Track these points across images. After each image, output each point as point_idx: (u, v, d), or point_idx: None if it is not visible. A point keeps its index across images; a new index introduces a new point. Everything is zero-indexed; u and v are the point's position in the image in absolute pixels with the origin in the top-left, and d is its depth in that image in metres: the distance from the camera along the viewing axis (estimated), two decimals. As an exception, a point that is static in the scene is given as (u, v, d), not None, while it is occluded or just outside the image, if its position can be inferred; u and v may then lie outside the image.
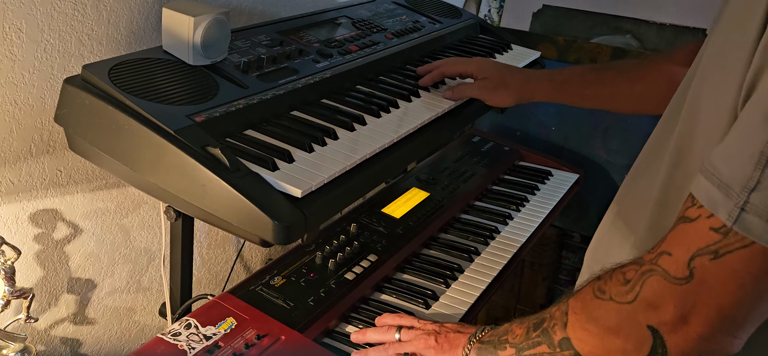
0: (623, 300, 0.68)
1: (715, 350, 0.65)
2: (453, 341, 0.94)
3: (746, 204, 0.58)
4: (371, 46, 1.32)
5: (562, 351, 0.75)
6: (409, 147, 1.08)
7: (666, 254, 0.65)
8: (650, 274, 0.66)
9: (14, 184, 1.12)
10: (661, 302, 0.65)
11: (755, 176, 0.57)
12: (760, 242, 0.57)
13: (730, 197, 0.59)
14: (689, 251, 0.62)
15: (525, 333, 0.82)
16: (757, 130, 0.58)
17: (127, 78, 0.96)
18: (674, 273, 0.63)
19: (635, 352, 0.68)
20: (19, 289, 1.07)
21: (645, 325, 0.66)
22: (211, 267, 1.61)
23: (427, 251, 1.31)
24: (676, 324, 0.64)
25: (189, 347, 0.93)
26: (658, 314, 0.65)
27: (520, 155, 1.73)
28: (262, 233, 0.83)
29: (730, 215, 0.59)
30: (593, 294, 0.73)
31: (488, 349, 0.88)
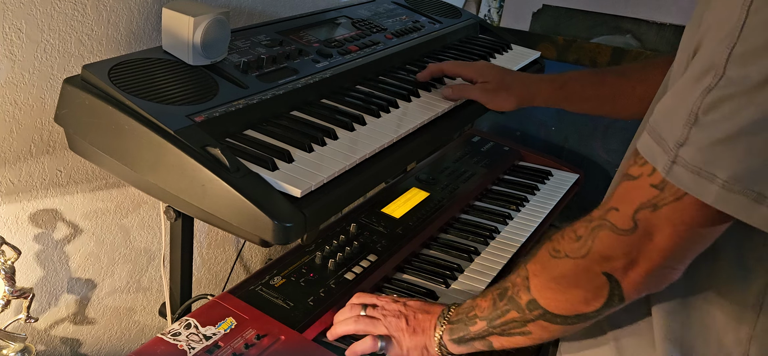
0: (577, 255, 0.75)
1: (660, 283, 0.74)
2: (422, 323, 0.97)
3: (677, 157, 0.64)
4: (371, 46, 1.32)
5: (531, 312, 0.82)
6: (408, 147, 1.08)
7: (613, 209, 0.72)
8: (600, 229, 0.73)
9: (14, 184, 1.12)
10: (611, 253, 0.72)
11: (684, 132, 0.64)
12: (690, 194, 0.64)
13: (666, 152, 0.65)
14: (633, 205, 0.69)
15: (491, 305, 0.88)
16: (690, 90, 0.64)
17: (127, 78, 0.96)
18: (621, 226, 0.71)
19: (595, 298, 0.75)
20: (19, 289, 1.07)
21: (600, 273, 0.74)
22: (211, 266, 1.61)
23: (426, 251, 1.31)
24: (626, 268, 0.72)
25: (189, 347, 0.93)
26: (610, 263, 0.73)
27: (520, 155, 1.73)
28: (261, 233, 0.83)
29: (664, 167, 0.65)
30: (549, 255, 0.79)
31: (459, 328, 0.92)
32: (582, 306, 0.77)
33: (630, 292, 0.74)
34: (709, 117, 0.62)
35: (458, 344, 0.93)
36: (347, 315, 1.02)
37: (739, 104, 0.60)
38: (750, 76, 0.60)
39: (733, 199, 0.62)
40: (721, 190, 0.62)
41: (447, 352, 0.94)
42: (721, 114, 0.61)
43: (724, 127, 0.61)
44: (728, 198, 0.62)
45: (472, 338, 0.90)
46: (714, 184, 0.62)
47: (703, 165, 0.62)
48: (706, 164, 0.62)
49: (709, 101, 0.62)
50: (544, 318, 0.81)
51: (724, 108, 0.61)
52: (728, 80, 0.61)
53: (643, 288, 0.74)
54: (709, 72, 0.63)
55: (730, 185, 0.61)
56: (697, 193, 0.63)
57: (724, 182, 0.61)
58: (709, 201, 0.63)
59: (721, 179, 0.61)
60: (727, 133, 0.61)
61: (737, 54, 0.61)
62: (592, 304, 0.76)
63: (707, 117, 0.62)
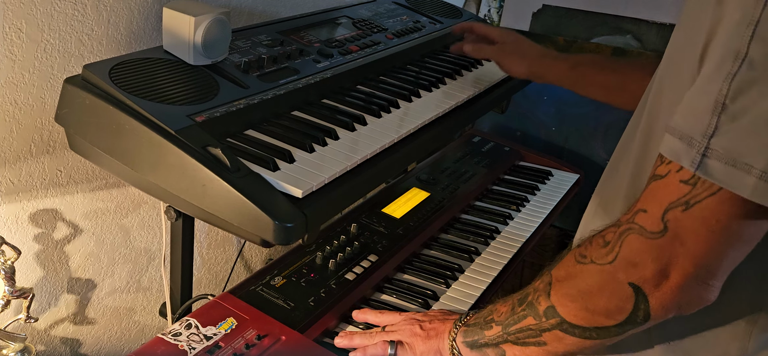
0: (604, 262, 0.70)
1: (692, 301, 0.68)
2: (438, 327, 0.95)
3: (707, 150, 0.61)
4: (372, 46, 1.32)
5: (548, 320, 0.77)
6: (409, 147, 1.08)
7: (641, 211, 0.67)
8: (628, 233, 0.68)
9: (14, 184, 1.12)
10: (639, 259, 0.67)
11: (713, 122, 0.60)
12: (725, 188, 0.60)
13: (692, 146, 0.62)
14: (662, 205, 0.65)
15: (510, 310, 0.84)
16: (711, 81, 0.61)
17: (127, 78, 0.96)
18: (650, 228, 0.66)
19: (618, 312, 0.70)
20: (19, 289, 1.07)
21: (626, 283, 0.68)
22: (211, 266, 1.61)
23: (427, 251, 1.31)
24: (656, 279, 0.67)
25: (189, 347, 0.93)
26: (638, 271, 0.67)
27: (520, 155, 1.73)
28: (262, 234, 0.83)
29: (693, 162, 0.62)
30: (575, 260, 0.75)
31: (474, 331, 0.89)
32: (603, 318, 0.72)
33: (657, 308, 0.68)
34: (737, 104, 0.59)
35: (471, 348, 0.89)
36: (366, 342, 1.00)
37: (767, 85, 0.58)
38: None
39: None
40: (758, 181, 0.58)
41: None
42: (750, 99, 0.58)
43: (756, 112, 0.58)
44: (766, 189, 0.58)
45: (486, 344, 0.86)
46: (751, 175, 0.58)
47: (737, 155, 0.59)
48: (740, 153, 0.59)
49: (736, 87, 0.59)
50: (560, 328, 0.76)
51: (752, 92, 0.58)
52: (751, 63, 0.58)
53: (672, 305, 0.68)
54: (729, 59, 0.60)
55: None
56: (733, 186, 0.59)
57: (762, 173, 0.58)
58: (746, 194, 0.59)
59: (759, 169, 0.58)
60: (759, 118, 0.58)
61: (760, 35, 0.58)
62: (615, 317, 0.71)
63: (735, 104, 0.59)
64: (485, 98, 1.33)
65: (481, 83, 1.34)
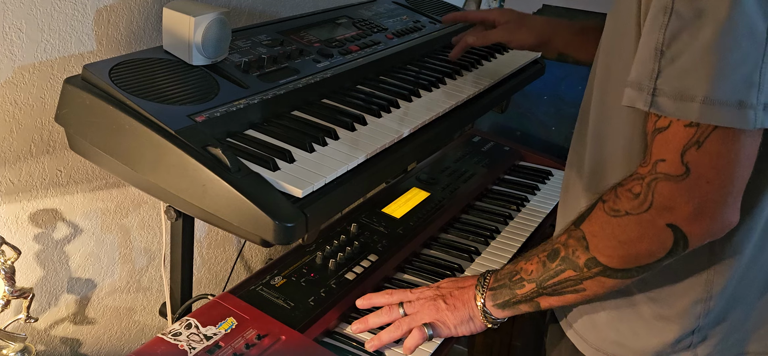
0: (640, 211, 0.77)
1: (723, 225, 0.76)
2: (461, 297, 1.00)
3: (656, 90, 0.72)
4: (372, 46, 1.32)
5: (590, 270, 0.84)
6: (409, 147, 1.08)
7: (660, 161, 0.75)
8: (656, 182, 0.76)
9: (14, 184, 1.12)
10: (673, 202, 0.75)
11: (656, 67, 0.72)
12: (681, 118, 0.71)
13: (643, 89, 0.73)
14: (677, 150, 0.73)
15: (541, 266, 0.90)
16: (650, 34, 0.73)
17: (127, 78, 0.96)
18: (675, 172, 0.74)
19: (660, 251, 0.78)
20: (19, 289, 1.07)
21: (665, 225, 0.76)
22: (211, 266, 1.61)
23: (427, 251, 1.31)
24: (692, 217, 0.75)
25: (189, 347, 0.93)
26: (675, 213, 0.75)
27: (520, 155, 1.73)
28: (262, 233, 0.83)
29: (645, 102, 0.73)
30: (606, 214, 0.81)
31: (504, 293, 0.95)
32: (645, 258, 0.80)
33: (695, 239, 0.76)
34: (673, 49, 0.71)
35: (503, 308, 0.96)
36: (384, 319, 1.03)
37: (695, 29, 0.69)
38: (696, 6, 0.69)
39: (715, 111, 0.69)
40: (701, 106, 0.69)
41: (492, 318, 0.98)
42: (683, 43, 0.70)
43: (689, 52, 0.70)
44: (711, 111, 0.69)
45: (519, 301, 0.93)
46: (694, 102, 0.70)
47: (680, 89, 0.71)
48: (682, 88, 0.70)
49: (669, 35, 0.71)
50: (603, 274, 0.83)
51: (683, 37, 0.70)
52: (678, 14, 0.70)
53: (707, 233, 0.76)
54: (660, 13, 0.72)
55: (709, 99, 0.69)
56: (681, 115, 0.71)
57: (704, 98, 0.69)
58: (694, 118, 0.70)
59: (700, 96, 0.69)
60: (692, 57, 0.69)
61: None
62: (656, 255, 0.79)
63: (671, 49, 0.71)
64: (485, 98, 1.33)
65: (480, 83, 1.34)
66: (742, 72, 0.69)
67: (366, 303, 1.07)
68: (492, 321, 0.99)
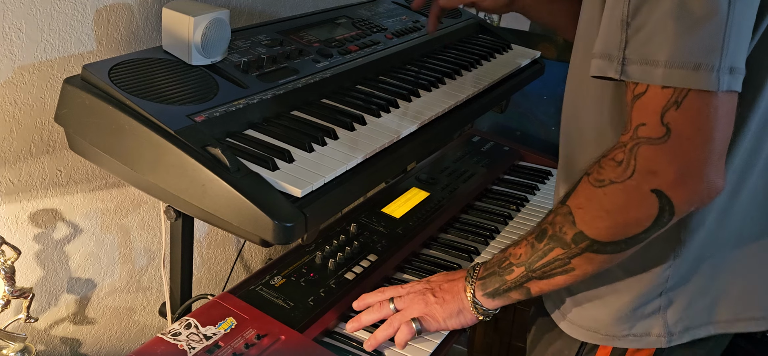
0: (623, 178, 0.77)
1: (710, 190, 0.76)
2: (451, 289, 0.99)
3: (625, 59, 0.75)
4: (371, 45, 1.32)
5: (578, 245, 0.83)
6: (409, 147, 1.08)
7: (641, 125, 0.76)
8: (637, 146, 0.76)
9: (14, 184, 1.12)
10: (657, 166, 0.75)
11: (623, 37, 0.75)
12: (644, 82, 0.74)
13: (613, 59, 0.76)
14: (657, 112, 0.74)
15: (530, 248, 0.89)
16: (615, 7, 0.76)
17: (127, 78, 0.96)
18: (656, 135, 0.74)
19: (646, 219, 0.78)
20: (19, 289, 1.07)
21: (649, 191, 0.76)
22: (211, 266, 1.61)
23: (427, 251, 1.31)
24: (676, 180, 0.75)
25: (189, 347, 0.93)
26: (659, 177, 0.75)
27: (520, 155, 1.73)
28: (262, 233, 0.83)
29: (616, 71, 0.76)
30: (591, 185, 0.81)
31: (493, 281, 0.94)
32: (633, 228, 0.79)
33: (681, 205, 0.76)
34: (637, 19, 0.74)
35: (493, 297, 0.95)
36: (376, 316, 1.03)
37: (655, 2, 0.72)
38: None
39: (677, 73, 0.71)
40: (665, 69, 0.72)
41: (483, 309, 0.97)
42: (646, 12, 0.73)
43: (652, 21, 0.73)
44: (673, 74, 0.72)
45: (509, 288, 0.92)
46: (658, 67, 0.72)
47: (646, 55, 0.73)
48: (648, 54, 0.73)
49: (633, 7, 0.74)
50: (591, 249, 0.82)
51: (645, 8, 0.73)
52: None
53: (694, 198, 0.77)
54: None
55: (671, 63, 0.72)
56: (647, 79, 0.74)
57: (666, 62, 0.72)
58: (659, 82, 0.73)
59: (663, 61, 0.72)
60: (655, 26, 0.72)
61: None
62: (643, 224, 0.78)
63: (636, 19, 0.74)
64: (485, 98, 1.33)
65: (480, 83, 1.34)
66: (699, 36, 0.71)
67: (361, 303, 1.07)
68: (483, 312, 0.97)
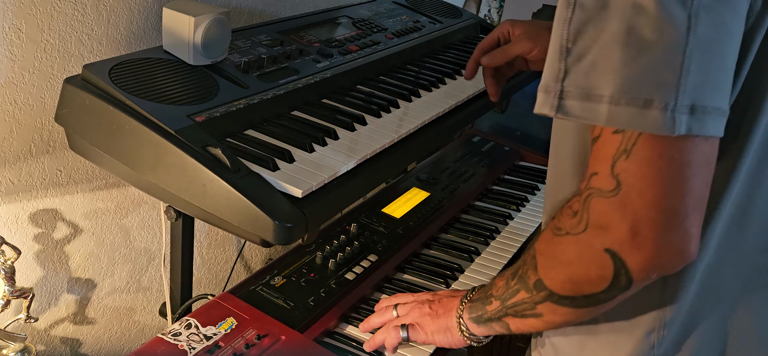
0: (577, 231, 0.70)
1: (672, 255, 0.66)
2: (446, 305, 0.97)
3: (563, 92, 0.64)
4: (371, 46, 1.32)
5: (538, 293, 0.77)
6: (409, 147, 1.08)
7: (594, 174, 0.67)
8: (590, 198, 0.68)
9: (14, 184, 1.12)
10: (608, 221, 0.66)
11: (562, 66, 0.64)
12: (586, 122, 0.64)
13: (550, 92, 0.65)
14: (608, 161, 0.65)
15: (505, 284, 0.84)
16: (555, 30, 0.66)
17: (127, 78, 0.96)
18: (606, 187, 0.66)
19: (600, 280, 0.69)
20: (19, 289, 1.07)
21: (602, 250, 0.67)
22: (211, 266, 1.61)
23: (427, 251, 1.31)
24: (628, 240, 0.65)
25: (189, 347, 0.93)
26: (610, 234, 0.66)
27: (520, 155, 1.73)
28: (262, 234, 0.83)
29: (552, 106, 0.65)
30: (552, 233, 0.75)
31: (477, 307, 0.90)
32: (587, 287, 0.72)
33: (637, 271, 0.67)
34: (579, 44, 0.63)
35: (477, 324, 0.90)
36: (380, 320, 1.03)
37: (600, 20, 0.62)
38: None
39: (623, 112, 0.61)
40: (609, 106, 0.61)
41: (469, 333, 0.92)
42: (589, 37, 0.63)
43: (596, 47, 0.62)
44: (619, 112, 0.61)
45: (489, 318, 0.87)
46: (602, 103, 0.62)
47: (588, 89, 0.63)
48: (590, 87, 0.62)
49: (574, 30, 0.64)
50: (551, 300, 0.76)
51: (588, 30, 0.63)
52: (582, 6, 0.63)
53: (651, 265, 0.66)
54: (563, 5, 0.65)
55: (616, 99, 0.61)
56: (590, 118, 0.63)
57: (611, 97, 0.61)
58: (602, 122, 0.62)
59: (607, 95, 0.61)
60: (600, 51, 0.62)
61: None
62: (598, 285, 0.70)
63: (577, 45, 0.63)
64: (485, 98, 1.33)
65: (480, 83, 1.34)
66: (651, 66, 0.60)
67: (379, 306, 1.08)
68: (469, 336, 0.92)
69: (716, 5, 0.60)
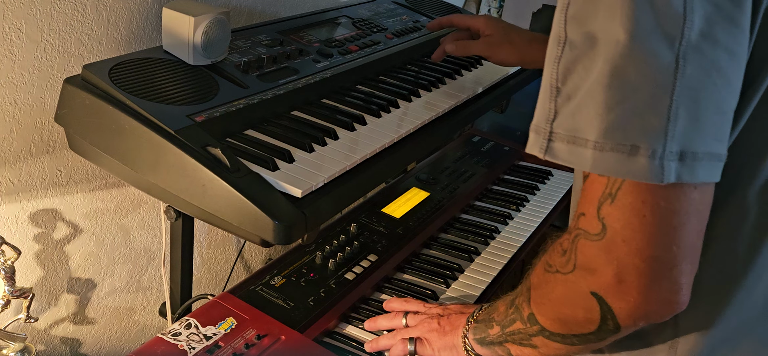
0: (565, 271, 0.69)
1: (660, 305, 0.64)
2: (454, 322, 0.95)
3: (552, 134, 0.62)
4: (371, 46, 1.32)
5: (531, 326, 0.76)
6: (409, 147, 1.08)
7: (581, 215, 0.66)
8: (578, 239, 0.66)
9: (14, 184, 1.12)
10: (594, 264, 0.65)
11: (552, 107, 0.62)
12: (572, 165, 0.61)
13: (540, 133, 0.63)
14: (594, 204, 0.63)
15: (505, 310, 0.83)
16: (546, 69, 0.63)
17: (127, 78, 0.96)
18: (592, 230, 0.64)
19: (587, 322, 0.68)
20: (19, 289, 1.07)
21: (589, 293, 0.66)
22: (211, 266, 1.61)
23: (427, 251, 1.31)
24: (614, 286, 0.64)
25: (189, 347, 0.93)
26: (597, 278, 0.65)
27: (520, 155, 1.73)
28: (262, 233, 0.83)
29: (541, 148, 0.63)
30: (544, 268, 0.73)
31: (481, 328, 0.89)
32: (575, 327, 0.70)
33: (624, 318, 0.65)
34: (568, 85, 0.61)
35: (480, 345, 0.88)
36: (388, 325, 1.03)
37: (588, 60, 0.59)
38: (589, 33, 0.59)
39: (608, 158, 0.58)
40: (594, 152, 0.59)
41: (474, 353, 0.90)
42: (578, 76, 0.60)
43: (584, 87, 0.59)
44: (604, 158, 0.58)
45: (492, 342, 0.86)
46: (587, 148, 0.59)
47: (575, 132, 0.60)
48: (577, 129, 0.60)
49: (563, 69, 0.61)
50: (543, 335, 0.75)
51: (578, 70, 0.60)
52: (572, 44, 0.61)
53: (638, 313, 0.64)
54: (554, 44, 0.63)
55: (601, 144, 0.58)
56: (576, 163, 0.61)
57: (595, 143, 0.59)
58: (588, 168, 0.60)
59: (592, 140, 0.59)
60: (585, 93, 0.59)
61: (571, 16, 0.61)
62: (586, 327, 0.69)
63: (567, 85, 0.61)
64: (485, 98, 1.33)
65: (480, 83, 1.34)
66: (637, 111, 0.57)
67: (387, 306, 1.08)
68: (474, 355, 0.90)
69: (705, 46, 0.57)
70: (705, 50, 0.57)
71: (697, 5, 0.57)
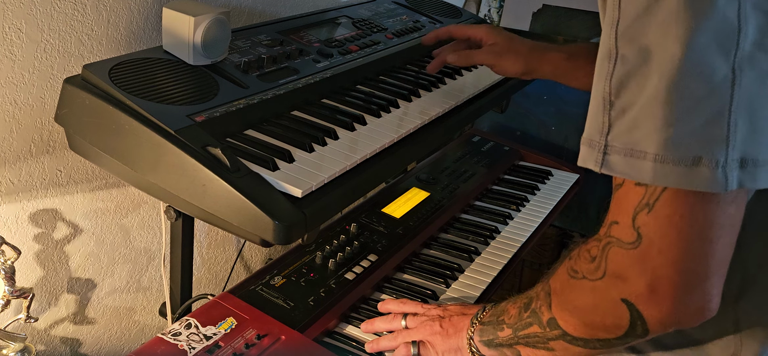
0: (594, 277, 0.69)
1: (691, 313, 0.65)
2: (457, 324, 0.95)
3: (607, 147, 0.63)
4: (371, 45, 1.32)
5: (551, 331, 0.77)
6: (409, 147, 1.08)
7: (614, 223, 0.66)
8: (609, 247, 0.67)
9: (14, 184, 1.12)
10: (626, 273, 0.66)
11: (606, 120, 0.63)
12: (630, 179, 0.62)
13: (594, 147, 0.64)
14: (629, 213, 0.64)
15: (518, 314, 0.83)
16: (597, 83, 0.64)
17: (127, 78, 0.96)
18: (626, 239, 0.65)
19: (616, 328, 0.69)
20: (19, 289, 1.07)
21: (619, 299, 0.67)
22: (211, 266, 1.61)
23: (427, 251, 1.31)
24: (646, 295, 0.65)
25: (189, 347, 0.93)
26: (628, 286, 0.66)
27: (520, 155, 1.73)
28: (262, 233, 0.83)
29: (596, 161, 0.64)
30: (568, 274, 0.74)
31: (489, 330, 0.89)
32: (601, 332, 0.71)
33: (654, 324, 0.66)
34: (622, 99, 0.62)
35: (488, 347, 0.88)
36: (387, 327, 1.02)
37: (642, 75, 0.60)
38: (641, 47, 0.60)
39: (669, 170, 0.59)
40: (654, 164, 0.60)
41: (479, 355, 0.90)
42: (632, 91, 0.61)
43: (640, 101, 0.60)
44: (665, 171, 0.59)
45: (501, 344, 0.86)
46: (646, 160, 0.60)
47: (632, 145, 0.61)
48: (634, 143, 0.61)
49: (616, 83, 0.62)
50: (564, 339, 0.75)
51: (631, 85, 0.61)
52: (624, 59, 0.61)
53: (669, 320, 0.66)
54: (605, 59, 0.63)
55: (662, 157, 0.59)
56: (634, 175, 0.61)
57: (656, 155, 0.59)
58: (648, 180, 0.60)
59: (652, 153, 0.60)
60: (641, 106, 0.60)
61: (622, 32, 0.62)
62: (613, 332, 0.70)
63: (620, 99, 0.62)
64: (485, 98, 1.33)
65: (480, 83, 1.34)
66: (698, 123, 0.58)
67: (383, 307, 1.07)
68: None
69: (760, 55, 0.59)
70: (759, 60, 0.59)
71: (751, 15, 0.58)
